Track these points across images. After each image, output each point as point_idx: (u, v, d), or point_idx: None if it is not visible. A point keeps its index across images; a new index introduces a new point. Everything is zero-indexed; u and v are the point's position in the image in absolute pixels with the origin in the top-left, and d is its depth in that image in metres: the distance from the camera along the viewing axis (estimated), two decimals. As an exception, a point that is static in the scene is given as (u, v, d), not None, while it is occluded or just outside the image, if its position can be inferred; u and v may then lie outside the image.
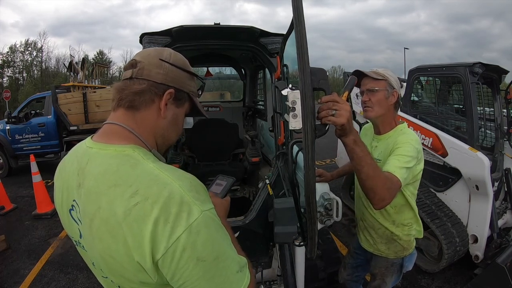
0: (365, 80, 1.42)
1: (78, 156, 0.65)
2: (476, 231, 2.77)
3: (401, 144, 1.28)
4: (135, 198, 0.53)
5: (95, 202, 0.57)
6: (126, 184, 0.55)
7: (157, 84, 0.65)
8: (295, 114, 0.86)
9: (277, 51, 2.02)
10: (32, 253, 3.26)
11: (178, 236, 0.52)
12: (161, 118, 0.67)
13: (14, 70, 27.45)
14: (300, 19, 0.75)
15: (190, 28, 1.88)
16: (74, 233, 0.66)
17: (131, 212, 0.52)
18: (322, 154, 7.23)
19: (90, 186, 0.58)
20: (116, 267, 0.57)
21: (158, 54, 0.68)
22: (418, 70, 3.48)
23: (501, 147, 3.20)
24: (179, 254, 0.52)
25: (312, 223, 0.91)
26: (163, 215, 0.52)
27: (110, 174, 0.57)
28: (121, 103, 0.66)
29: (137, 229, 0.52)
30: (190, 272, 0.53)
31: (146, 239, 0.51)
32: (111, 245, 0.55)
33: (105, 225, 0.55)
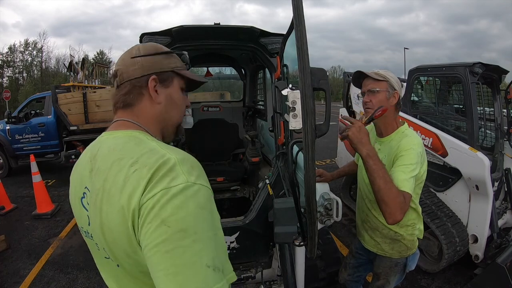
0: (366, 81, 1.42)
1: (91, 147, 0.71)
2: (476, 231, 2.77)
3: (404, 151, 1.26)
4: (135, 166, 0.57)
5: (102, 177, 0.61)
6: (129, 157, 0.60)
7: (138, 79, 0.71)
8: (295, 114, 0.86)
9: (277, 51, 2.02)
10: (32, 253, 3.26)
11: (154, 194, 0.53)
12: (156, 104, 0.72)
13: (14, 70, 27.45)
14: (300, 18, 0.75)
15: (190, 28, 1.88)
16: (84, 221, 0.68)
17: (130, 178, 0.56)
18: (322, 154, 7.23)
19: (99, 166, 0.63)
20: (115, 239, 0.58)
21: (129, 54, 0.73)
22: (418, 70, 3.48)
23: (501, 147, 3.19)
24: (147, 211, 0.52)
25: (312, 223, 0.91)
26: (152, 178, 0.55)
27: (116, 151, 0.63)
28: (117, 106, 0.73)
29: (131, 193, 0.55)
30: (151, 233, 0.52)
31: (133, 194, 0.54)
32: (109, 215, 0.57)
33: (107, 195, 0.58)
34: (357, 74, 1.44)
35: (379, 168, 1.12)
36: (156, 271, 0.52)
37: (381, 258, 1.54)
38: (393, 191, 1.11)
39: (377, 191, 1.12)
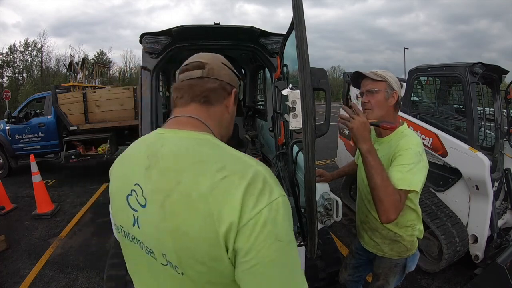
0: (365, 81, 1.41)
1: (148, 142, 0.67)
2: (476, 231, 2.77)
3: (402, 151, 1.26)
4: (223, 172, 0.55)
5: (173, 179, 0.57)
6: (211, 161, 0.57)
7: (225, 83, 0.72)
8: (295, 114, 0.86)
9: (277, 51, 2.02)
10: (32, 253, 3.26)
11: (261, 209, 0.53)
12: (227, 113, 0.74)
13: (14, 70, 27.46)
14: (301, 18, 0.75)
15: (190, 28, 1.88)
16: (126, 222, 0.65)
17: (218, 185, 0.54)
18: (322, 154, 7.23)
19: (166, 165, 0.59)
20: (190, 246, 0.55)
21: (219, 58, 0.75)
22: (418, 70, 3.48)
23: (501, 147, 3.19)
24: (259, 228, 0.52)
25: (312, 223, 0.91)
26: (249, 189, 0.53)
27: (191, 152, 0.59)
28: (196, 99, 0.69)
29: (223, 201, 0.53)
30: (267, 250, 0.52)
31: (232, 210, 0.52)
32: (187, 220, 0.54)
33: (185, 199, 0.55)
34: (356, 74, 1.43)
35: (377, 165, 1.13)
36: (263, 279, 0.54)
37: (380, 259, 1.53)
38: (389, 189, 1.12)
39: (373, 188, 1.13)
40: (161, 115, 2.18)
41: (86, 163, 6.28)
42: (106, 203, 1.57)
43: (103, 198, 4.90)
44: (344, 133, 4.67)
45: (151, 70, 1.92)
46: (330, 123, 1.03)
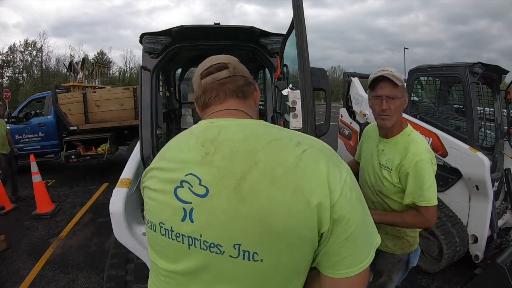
0: (384, 84, 1.31)
1: (197, 133, 0.64)
2: (476, 231, 2.76)
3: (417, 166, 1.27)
4: (301, 146, 0.57)
5: (248, 160, 0.55)
6: (286, 137, 0.59)
7: (250, 78, 0.74)
8: (295, 114, 0.86)
9: (277, 51, 2.02)
10: (32, 253, 3.26)
11: (345, 178, 0.56)
12: (255, 105, 0.76)
13: (14, 70, 27.47)
14: (301, 18, 0.75)
15: (190, 28, 1.88)
16: (171, 217, 0.58)
17: (302, 158, 0.55)
18: (322, 154, 7.23)
19: (233, 148, 0.57)
20: (275, 225, 0.52)
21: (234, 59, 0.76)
22: (418, 70, 3.48)
23: (501, 147, 3.19)
24: (349, 194, 0.55)
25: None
26: (330, 160, 0.57)
27: (261, 133, 0.59)
28: (233, 94, 0.70)
29: (311, 172, 0.54)
30: (358, 214, 0.57)
31: (323, 180, 0.54)
32: (275, 197, 0.52)
33: (268, 177, 0.53)
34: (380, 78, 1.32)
35: (393, 217, 1.36)
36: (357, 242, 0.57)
37: (384, 254, 1.52)
38: (409, 222, 1.33)
39: (401, 226, 1.39)
40: (161, 115, 2.18)
41: (86, 163, 6.28)
42: (106, 203, 1.57)
43: (103, 198, 4.90)
44: (344, 133, 4.67)
45: (151, 70, 1.91)
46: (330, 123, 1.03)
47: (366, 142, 1.57)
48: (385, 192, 1.40)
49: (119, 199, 1.56)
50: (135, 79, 27.18)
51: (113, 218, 1.53)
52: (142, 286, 1.80)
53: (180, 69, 3.63)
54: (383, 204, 1.45)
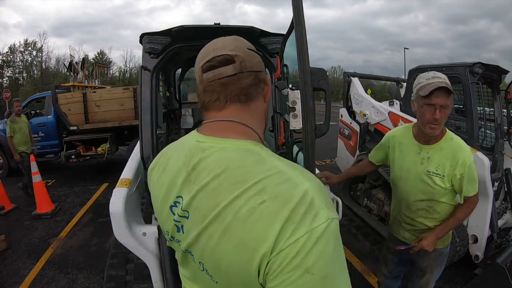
0: (439, 93, 1.29)
1: (186, 151, 0.61)
2: (476, 231, 2.76)
3: (472, 168, 1.37)
4: (262, 195, 0.49)
5: (212, 199, 0.53)
6: (251, 181, 0.51)
7: (259, 72, 0.64)
8: (295, 114, 0.86)
9: (277, 51, 2.02)
10: (32, 253, 3.26)
11: (297, 238, 0.46)
12: (264, 102, 0.67)
13: (14, 70, 27.47)
14: (300, 19, 0.75)
15: (190, 28, 1.88)
16: (171, 228, 0.62)
17: (256, 210, 0.48)
18: (322, 154, 7.22)
19: (206, 183, 0.54)
20: (222, 268, 0.52)
21: (243, 44, 0.65)
22: (418, 70, 3.47)
23: (501, 147, 3.19)
24: (290, 258, 0.46)
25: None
26: (290, 216, 0.47)
27: (232, 170, 0.53)
28: (235, 98, 0.61)
29: (260, 230, 0.47)
30: (293, 282, 0.46)
31: (268, 240, 0.47)
32: (224, 245, 0.51)
33: (220, 224, 0.51)
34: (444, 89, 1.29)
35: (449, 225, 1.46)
36: None
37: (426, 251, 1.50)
38: (462, 217, 1.48)
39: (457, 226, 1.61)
40: (161, 115, 2.18)
41: (86, 163, 6.28)
42: (106, 203, 1.57)
43: (103, 198, 4.90)
44: (344, 133, 4.67)
45: (151, 70, 1.91)
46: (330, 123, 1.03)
47: (396, 149, 1.54)
48: (436, 197, 1.43)
49: (119, 199, 1.55)
50: (135, 79, 27.17)
51: (113, 218, 1.53)
52: (142, 286, 1.80)
53: (180, 69, 3.63)
54: (428, 209, 1.46)
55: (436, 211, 1.46)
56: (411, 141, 1.47)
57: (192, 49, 2.21)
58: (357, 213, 3.94)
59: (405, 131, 1.54)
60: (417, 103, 1.37)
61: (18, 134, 4.65)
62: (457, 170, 1.35)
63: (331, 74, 46.00)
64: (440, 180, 1.38)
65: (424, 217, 1.49)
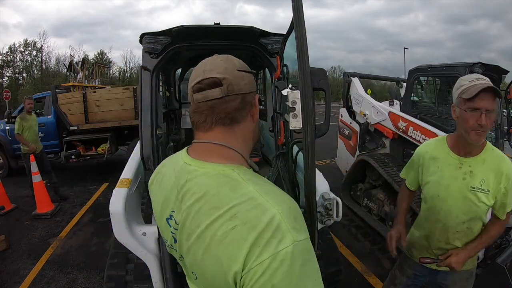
0: (485, 95, 1.15)
1: (176, 171, 0.68)
2: (476, 231, 2.76)
3: None
4: (234, 221, 0.54)
5: (194, 220, 0.59)
6: (226, 207, 0.56)
7: (247, 94, 0.67)
8: (295, 114, 0.86)
9: (277, 51, 2.02)
10: (32, 253, 3.26)
11: (263, 260, 0.51)
12: (252, 122, 0.70)
13: (14, 70, 27.47)
14: (300, 19, 0.75)
15: (190, 28, 1.88)
16: (169, 238, 0.69)
17: (228, 235, 0.54)
18: (322, 154, 7.23)
19: (190, 204, 0.61)
20: (206, 280, 0.59)
21: (233, 66, 0.67)
22: (418, 70, 3.48)
23: (501, 147, 3.19)
24: (257, 277, 0.51)
25: (312, 223, 0.91)
26: (257, 240, 0.52)
27: (210, 196, 0.59)
28: (220, 121, 0.65)
29: (231, 251, 0.53)
30: None
31: (239, 261, 0.52)
32: (204, 261, 0.57)
33: (202, 243, 0.57)
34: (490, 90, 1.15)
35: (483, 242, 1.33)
36: None
37: (459, 273, 1.37)
38: (495, 234, 1.34)
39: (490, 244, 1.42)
40: (161, 115, 2.18)
41: (86, 163, 6.28)
42: (106, 203, 1.57)
43: (103, 198, 4.91)
44: (344, 133, 4.67)
45: (151, 70, 1.91)
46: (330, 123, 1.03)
47: (431, 166, 1.37)
48: (477, 216, 1.29)
49: (119, 199, 1.56)
50: (135, 79, 27.18)
51: (113, 218, 1.53)
52: (142, 286, 1.80)
53: (180, 69, 3.63)
54: (466, 231, 1.32)
55: (473, 232, 1.32)
56: (448, 154, 1.32)
57: (192, 49, 2.22)
58: (357, 213, 3.95)
59: (438, 144, 1.39)
60: (459, 108, 1.24)
61: (27, 132, 4.51)
62: (502, 184, 1.22)
63: (331, 74, 46.02)
64: (485, 196, 1.24)
65: (460, 240, 1.33)
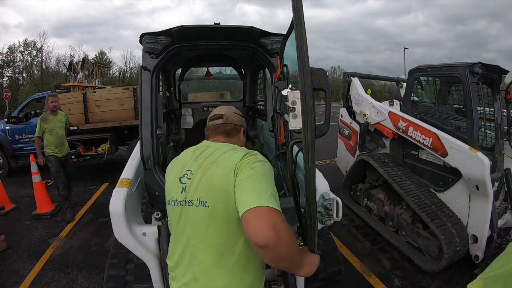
0: None
1: (194, 148, 1.16)
2: (476, 231, 2.77)
3: None
4: (235, 150, 1.06)
5: (212, 159, 1.04)
6: (231, 149, 1.06)
7: (237, 125, 1.25)
8: (295, 114, 0.87)
9: (277, 51, 2.02)
10: (32, 253, 3.26)
11: (249, 158, 0.99)
12: (240, 142, 1.24)
13: (14, 70, 27.46)
14: (300, 20, 0.75)
15: (190, 28, 1.87)
16: (176, 193, 1.06)
17: (232, 154, 1.03)
18: (322, 154, 7.23)
19: (208, 155, 1.06)
20: (215, 184, 0.97)
21: (231, 110, 1.28)
22: (418, 70, 3.48)
23: (501, 147, 3.19)
24: (245, 162, 0.97)
25: (312, 223, 0.91)
26: (248, 153, 1.02)
27: (222, 149, 1.08)
28: (220, 133, 1.21)
29: (234, 158, 1.00)
30: (246, 172, 0.94)
31: (237, 162, 0.98)
32: (216, 171, 0.99)
33: (218, 165, 1.01)
34: None
35: None
36: (243, 190, 0.91)
37: None
38: None
39: None
40: (161, 115, 2.17)
41: (86, 163, 6.27)
42: (106, 203, 1.57)
43: (103, 198, 4.90)
44: (344, 133, 4.67)
45: (151, 70, 1.91)
46: (330, 123, 1.03)
47: None
48: None
49: (119, 199, 1.56)
50: (135, 79, 27.17)
51: (113, 218, 1.53)
52: (142, 286, 1.81)
53: (180, 69, 3.63)
54: None
55: None
56: None
57: (192, 49, 2.22)
58: (357, 213, 3.95)
59: None
60: None
61: (48, 135, 3.98)
62: None
63: (331, 74, 45.94)
64: None
65: None
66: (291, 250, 0.86)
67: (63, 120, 4.21)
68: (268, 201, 0.85)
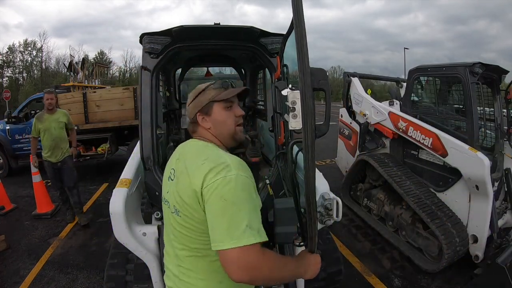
0: None
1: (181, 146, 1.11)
2: (476, 231, 2.77)
3: None
4: (204, 161, 0.92)
5: (183, 165, 0.98)
6: (203, 155, 0.96)
7: (192, 118, 1.10)
8: (295, 114, 0.86)
9: (277, 51, 2.02)
10: (32, 253, 3.26)
11: (216, 179, 0.86)
12: (205, 128, 1.08)
13: (14, 70, 27.46)
14: (300, 20, 0.75)
15: (190, 28, 1.87)
16: (165, 191, 1.07)
17: (200, 167, 0.91)
18: (322, 154, 7.23)
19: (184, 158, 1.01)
20: (183, 197, 0.93)
21: (190, 99, 1.11)
22: (418, 70, 3.48)
23: (501, 147, 3.19)
24: (212, 190, 0.86)
25: (312, 223, 0.91)
26: (214, 169, 0.88)
27: (196, 150, 1.01)
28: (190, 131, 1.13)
29: (198, 175, 0.89)
30: (215, 204, 0.85)
31: (201, 179, 0.88)
32: (186, 184, 0.92)
33: (185, 174, 0.94)
34: None
35: None
36: (213, 225, 0.85)
37: None
38: None
39: None
40: (161, 115, 2.17)
41: (86, 163, 6.27)
42: (106, 203, 1.57)
43: (103, 198, 4.90)
44: (344, 133, 4.67)
45: (151, 70, 1.91)
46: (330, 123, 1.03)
47: None
48: None
49: (119, 199, 1.56)
50: (135, 79, 27.16)
51: (113, 218, 1.53)
52: (142, 286, 1.81)
53: (180, 69, 3.63)
54: None
55: None
56: None
57: (192, 49, 2.22)
58: (357, 213, 3.95)
59: None
60: None
61: (42, 136, 3.62)
62: None
63: (331, 74, 45.94)
64: None
65: None
66: (274, 275, 0.85)
67: (62, 120, 3.71)
68: (241, 238, 0.80)
